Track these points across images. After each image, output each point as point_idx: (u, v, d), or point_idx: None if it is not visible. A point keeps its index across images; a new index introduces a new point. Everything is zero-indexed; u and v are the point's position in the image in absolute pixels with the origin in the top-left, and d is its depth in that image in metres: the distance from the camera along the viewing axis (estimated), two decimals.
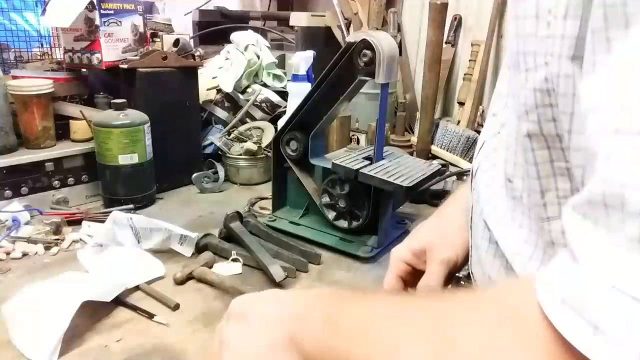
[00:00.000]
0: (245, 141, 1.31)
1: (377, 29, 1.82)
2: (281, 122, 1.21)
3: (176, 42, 1.27)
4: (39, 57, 1.50)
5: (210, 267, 0.86)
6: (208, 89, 1.44)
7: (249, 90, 1.47)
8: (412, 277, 0.62)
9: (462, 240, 0.60)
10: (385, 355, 0.33)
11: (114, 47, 1.17)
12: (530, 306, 0.27)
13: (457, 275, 0.62)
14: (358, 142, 1.53)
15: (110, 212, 0.92)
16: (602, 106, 0.26)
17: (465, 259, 0.59)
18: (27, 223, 0.99)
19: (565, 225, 0.28)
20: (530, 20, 0.34)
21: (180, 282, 0.81)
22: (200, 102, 1.34)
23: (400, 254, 0.63)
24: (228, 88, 1.42)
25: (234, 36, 1.54)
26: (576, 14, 0.30)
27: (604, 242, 0.24)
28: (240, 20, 1.98)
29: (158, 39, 1.40)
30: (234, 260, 0.88)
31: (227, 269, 0.86)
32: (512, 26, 0.38)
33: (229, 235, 0.95)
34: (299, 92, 1.15)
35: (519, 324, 0.29)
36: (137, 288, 0.79)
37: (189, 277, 0.82)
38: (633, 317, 0.22)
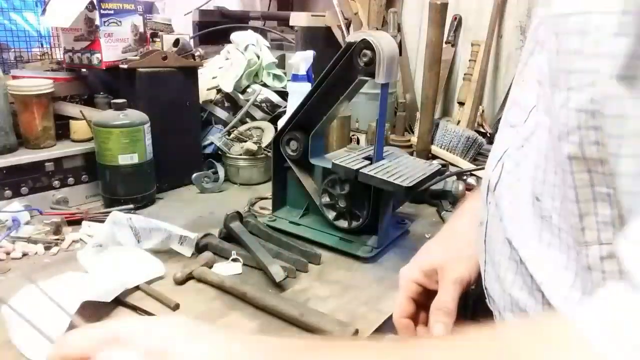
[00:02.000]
0: (245, 141, 1.31)
1: (377, 29, 1.82)
2: (281, 122, 1.21)
3: (176, 42, 1.27)
4: (39, 57, 1.50)
5: (210, 267, 0.86)
6: (208, 89, 1.44)
7: (249, 90, 1.47)
8: (423, 298, 0.60)
9: (475, 258, 0.57)
10: None
11: (114, 47, 1.17)
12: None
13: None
14: (358, 142, 1.53)
15: (110, 212, 0.92)
16: None
17: (477, 276, 0.57)
18: (27, 223, 0.99)
19: (621, 254, 0.27)
20: (576, 37, 0.33)
21: (180, 282, 0.81)
22: (200, 102, 1.34)
23: (410, 275, 0.61)
24: (228, 88, 1.42)
25: (234, 36, 1.54)
26: (628, 32, 0.29)
27: None
28: (240, 20, 1.98)
29: (158, 39, 1.39)
30: (234, 260, 0.88)
31: (227, 269, 0.86)
32: (552, 42, 0.36)
33: (229, 235, 0.95)
34: (299, 92, 1.15)
35: None
36: (137, 288, 0.79)
37: (189, 277, 0.82)
38: None
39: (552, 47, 0.36)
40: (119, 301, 0.74)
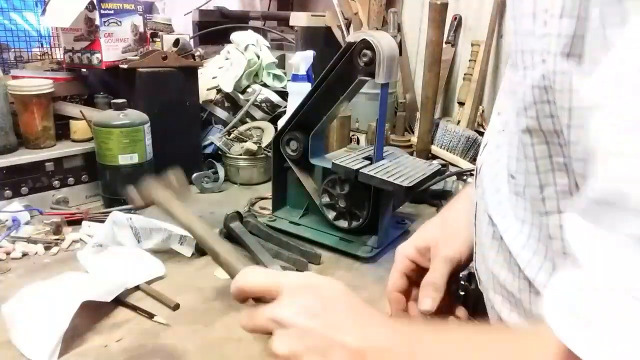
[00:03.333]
0: (245, 141, 1.31)
1: (377, 29, 1.82)
2: (281, 122, 1.21)
3: (176, 42, 1.27)
4: (39, 57, 1.50)
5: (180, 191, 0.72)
6: (208, 89, 1.44)
7: (249, 90, 1.47)
8: (416, 275, 0.62)
9: (467, 239, 0.60)
10: None
11: (114, 47, 1.17)
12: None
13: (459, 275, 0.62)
14: (358, 142, 1.53)
15: (110, 212, 0.92)
16: (603, 104, 0.26)
17: (470, 258, 0.59)
18: (27, 223, 0.99)
19: (566, 230, 0.28)
20: (528, 19, 0.35)
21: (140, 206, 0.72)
22: (200, 102, 1.34)
23: (405, 252, 0.64)
24: (228, 88, 1.42)
25: (234, 36, 1.54)
26: (572, 14, 0.31)
27: (606, 243, 0.23)
28: (240, 20, 1.98)
29: (158, 39, 1.40)
30: None
31: None
32: (511, 25, 0.39)
33: (229, 235, 0.95)
34: (299, 92, 1.15)
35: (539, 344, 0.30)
36: (137, 288, 0.79)
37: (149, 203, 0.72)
38: None
39: (511, 30, 0.40)
40: (119, 301, 0.74)
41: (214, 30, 1.88)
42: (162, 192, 0.68)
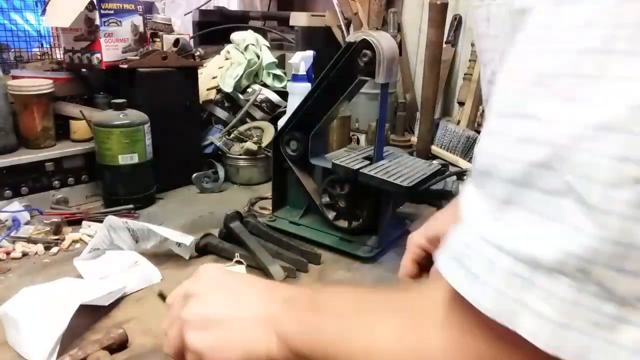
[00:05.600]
0: (245, 141, 1.31)
1: (377, 29, 1.82)
2: (281, 122, 1.21)
3: (176, 42, 1.27)
4: (39, 57, 1.50)
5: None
6: (208, 89, 1.44)
7: (249, 90, 1.47)
8: (427, 262, 0.66)
9: None
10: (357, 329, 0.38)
11: (114, 47, 1.17)
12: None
13: None
14: (358, 142, 1.53)
15: (110, 212, 0.92)
16: (495, 92, 0.30)
17: None
18: (27, 223, 0.99)
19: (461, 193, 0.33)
20: (484, 23, 0.39)
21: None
22: (200, 102, 1.34)
23: (416, 240, 0.68)
24: (228, 88, 1.42)
25: (234, 36, 1.54)
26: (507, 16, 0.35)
27: (480, 204, 0.29)
28: (240, 20, 1.98)
29: (158, 39, 1.39)
30: (238, 262, 0.87)
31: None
32: (474, 28, 0.44)
33: (228, 235, 0.95)
34: (299, 92, 1.15)
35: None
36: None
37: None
38: (489, 258, 0.27)
39: (475, 33, 0.44)
40: (115, 305, 0.74)
41: (214, 30, 1.87)
42: None
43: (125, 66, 1.14)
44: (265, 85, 1.50)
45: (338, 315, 0.40)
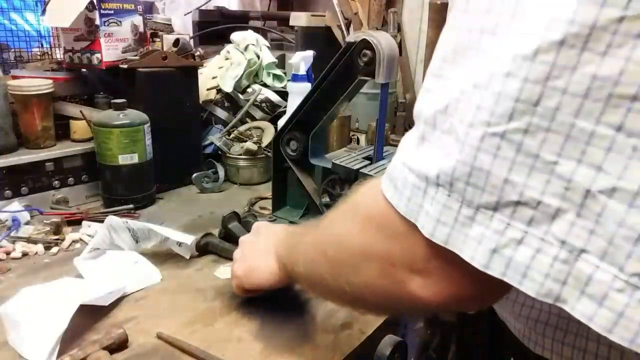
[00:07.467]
0: (245, 141, 1.31)
1: (377, 29, 1.82)
2: (281, 122, 1.21)
3: (176, 42, 1.27)
4: (39, 57, 1.50)
5: None
6: (208, 89, 1.44)
7: (249, 90, 1.47)
8: None
9: None
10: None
11: (114, 47, 1.17)
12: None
13: None
14: (358, 142, 1.53)
15: (110, 212, 0.92)
16: (433, 56, 0.38)
17: None
18: (27, 223, 0.99)
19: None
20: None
21: None
22: (200, 102, 1.34)
23: None
24: (228, 88, 1.42)
25: (234, 36, 1.54)
26: None
27: (410, 138, 0.39)
28: (240, 20, 1.98)
29: (158, 39, 1.40)
30: None
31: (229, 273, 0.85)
32: None
33: (227, 236, 0.95)
34: (299, 92, 1.15)
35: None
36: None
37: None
38: (405, 176, 0.37)
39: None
40: (115, 305, 0.74)
41: (214, 30, 1.87)
42: None
43: (125, 66, 1.14)
44: (265, 85, 1.50)
45: (307, 233, 0.55)
